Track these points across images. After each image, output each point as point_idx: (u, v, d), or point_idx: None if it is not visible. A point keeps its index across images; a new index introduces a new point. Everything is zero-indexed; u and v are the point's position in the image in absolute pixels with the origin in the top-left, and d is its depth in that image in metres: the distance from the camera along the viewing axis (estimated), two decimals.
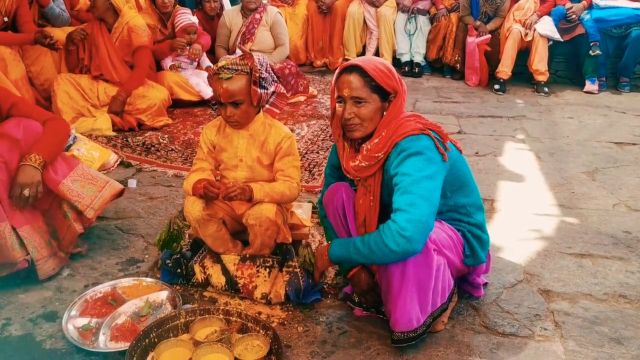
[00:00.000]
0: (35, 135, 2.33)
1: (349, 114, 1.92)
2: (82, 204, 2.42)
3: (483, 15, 5.75)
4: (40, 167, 2.28)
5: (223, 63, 2.12)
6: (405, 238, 1.75)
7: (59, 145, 2.42)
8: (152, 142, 3.99)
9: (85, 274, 2.43)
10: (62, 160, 2.43)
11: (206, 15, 5.32)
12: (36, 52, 4.28)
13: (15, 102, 2.45)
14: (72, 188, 2.40)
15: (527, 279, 2.42)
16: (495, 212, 3.06)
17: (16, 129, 2.29)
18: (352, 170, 2.02)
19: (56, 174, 2.37)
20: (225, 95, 2.11)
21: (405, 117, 1.95)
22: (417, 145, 1.86)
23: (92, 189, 2.46)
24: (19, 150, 2.28)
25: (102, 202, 2.49)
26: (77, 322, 2.09)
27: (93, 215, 2.46)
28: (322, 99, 5.22)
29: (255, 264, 2.27)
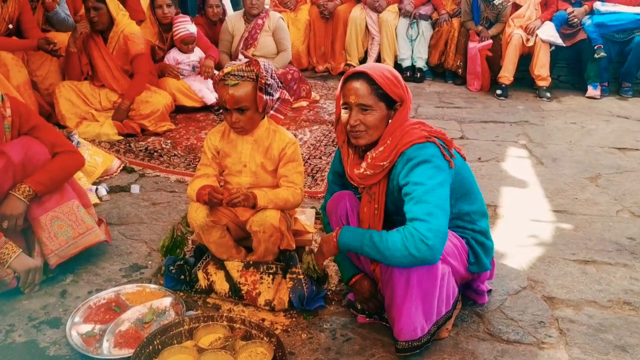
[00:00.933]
0: (36, 164, 2.29)
1: (354, 121, 1.91)
2: (48, 247, 2.33)
3: (485, 21, 5.76)
4: (27, 200, 2.25)
5: (229, 69, 2.13)
6: (428, 246, 1.75)
7: (59, 180, 2.36)
8: (155, 147, 4.00)
9: (88, 280, 2.43)
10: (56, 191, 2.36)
11: (208, 21, 5.33)
12: (41, 58, 4.29)
13: (38, 125, 2.41)
14: (47, 226, 2.32)
15: (531, 285, 2.42)
16: (498, 218, 3.06)
17: (18, 152, 2.26)
18: (356, 178, 2.01)
19: (39, 206, 2.31)
20: (231, 102, 2.12)
21: (410, 125, 1.95)
22: (424, 153, 1.86)
23: (67, 233, 2.37)
24: (13, 173, 2.24)
25: (71, 250, 2.39)
26: (80, 329, 2.10)
27: (54, 263, 2.35)
28: (325, 104, 5.22)
29: (259, 270, 2.26)
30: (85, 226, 2.43)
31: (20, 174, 2.26)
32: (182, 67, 4.76)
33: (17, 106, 2.39)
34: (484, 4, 5.68)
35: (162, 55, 4.78)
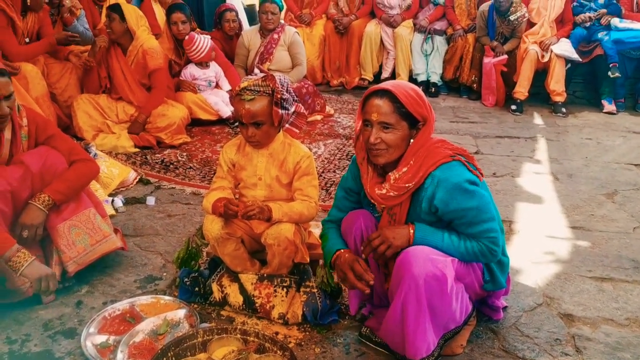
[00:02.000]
0: (54, 174, 2.33)
1: (375, 139, 1.89)
2: (67, 255, 2.36)
3: (500, 36, 5.76)
4: (47, 209, 2.29)
5: (245, 84, 2.15)
6: (494, 255, 1.94)
7: (76, 189, 2.40)
8: (171, 159, 4.04)
9: (103, 291, 2.44)
10: (73, 200, 2.40)
11: (225, 35, 5.39)
12: (61, 71, 4.37)
13: (54, 134, 2.46)
14: (65, 234, 2.35)
15: (546, 302, 2.39)
16: (514, 234, 3.04)
17: (36, 161, 2.30)
18: (378, 198, 1.99)
19: (57, 215, 2.35)
20: (247, 116, 2.13)
21: (433, 144, 1.94)
22: (454, 174, 1.87)
23: (85, 241, 2.40)
24: (30, 183, 2.28)
25: (89, 257, 2.42)
26: (95, 340, 2.11)
27: (73, 270, 2.38)
28: (339, 118, 5.24)
29: (273, 283, 2.27)
30: (102, 233, 2.46)
31: (39, 182, 2.30)
32: (198, 82, 4.81)
33: (34, 116, 2.45)
34: (499, 19, 5.68)
35: (178, 69, 4.84)
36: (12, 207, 2.24)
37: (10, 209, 2.24)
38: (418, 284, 1.81)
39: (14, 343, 2.11)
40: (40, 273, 2.12)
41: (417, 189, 1.93)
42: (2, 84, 2.17)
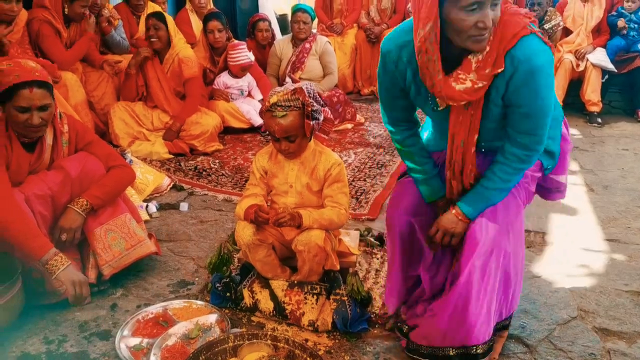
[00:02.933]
0: (92, 179, 2.40)
1: (490, 20, 1.58)
2: (103, 258, 2.41)
3: None
4: (85, 213, 2.36)
5: (275, 100, 2.16)
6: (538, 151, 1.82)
7: (113, 194, 2.47)
8: (204, 166, 4.10)
9: (137, 295, 2.49)
10: (110, 205, 2.46)
11: (258, 45, 5.47)
12: (98, 79, 4.49)
13: (92, 141, 2.53)
14: (102, 238, 2.41)
15: (581, 315, 2.35)
16: (547, 245, 2.99)
17: (75, 167, 2.37)
18: (459, 95, 1.71)
19: (95, 219, 2.41)
20: (280, 132, 2.16)
21: (506, 9, 1.66)
22: (536, 52, 1.64)
23: (121, 245, 2.45)
24: (69, 188, 2.35)
25: (124, 261, 2.47)
26: (129, 342, 2.15)
27: (109, 273, 2.44)
28: (369, 126, 5.25)
29: (303, 290, 2.28)
30: (137, 238, 2.52)
31: (77, 187, 2.37)
32: (231, 91, 4.88)
33: (74, 123, 2.52)
34: None
35: (212, 78, 4.92)
36: (52, 211, 2.31)
37: (50, 212, 2.31)
38: (487, 261, 1.83)
39: (51, 343, 2.17)
40: (74, 278, 2.18)
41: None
42: (37, 95, 2.22)
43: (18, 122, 2.24)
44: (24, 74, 2.21)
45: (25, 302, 2.24)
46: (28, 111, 2.22)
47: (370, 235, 2.92)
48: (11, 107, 2.22)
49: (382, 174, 4.00)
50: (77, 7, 4.21)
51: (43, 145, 2.36)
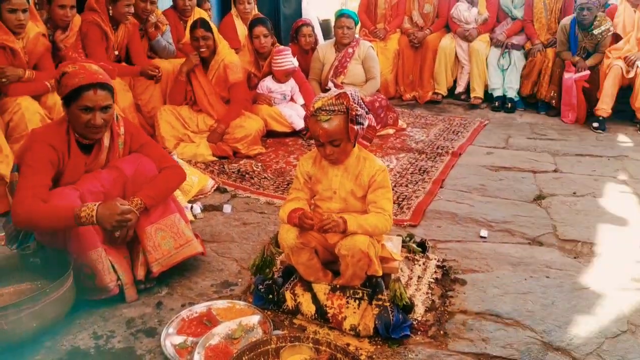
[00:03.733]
0: (145, 179, 2.48)
1: None
2: (152, 255, 2.47)
3: (582, 51, 5.56)
4: (139, 212, 2.42)
5: (319, 104, 2.18)
6: None
7: (165, 194, 2.54)
8: (247, 169, 4.15)
9: (182, 294, 2.54)
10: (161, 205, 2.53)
11: (301, 49, 5.51)
12: (145, 83, 4.61)
13: (146, 143, 2.64)
14: (152, 236, 2.48)
15: (631, 330, 2.27)
16: (595, 256, 2.91)
17: (130, 166, 2.46)
18: None
19: (146, 218, 2.48)
20: (325, 136, 2.17)
21: None
22: None
23: (170, 244, 2.51)
24: (122, 186, 2.44)
25: (172, 260, 2.53)
26: (174, 340, 2.19)
27: (157, 271, 2.50)
28: (411, 132, 5.22)
29: (346, 294, 2.28)
30: (185, 238, 2.58)
31: (131, 187, 2.45)
32: (274, 96, 4.93)
33: (129, 126, 2.62)
34: (582, 33, 5.49)
35: (256, 82, 4.99)
36: None
37: None
38: None
39: (99, 338, 2.23)
40: (113, 210, 2.24)
41: None
42: (100, 96, 2.34)
43: (81, 122, 2.34)
44: (88, 76, 2.33)
45: (76, 297, 2.31)
46: (91, 111, 2.33)
47: (412, 242, 2.90)
48: (75, 108, 2.33)
49: (424, 179, 3.96)
50: (120, 7, 4.31)
51: (101, 146, 2.46)
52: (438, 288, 2.58)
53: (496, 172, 4.16)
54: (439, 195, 3.71)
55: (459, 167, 4.27)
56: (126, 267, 2.47)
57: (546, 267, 2.77)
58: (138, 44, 4.71)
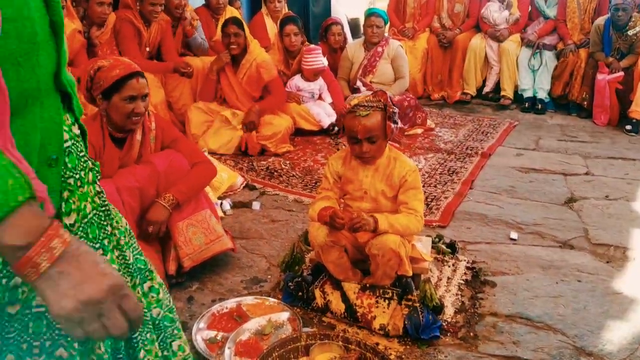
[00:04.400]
0: (178, 174, 2.52)
1: None
2: (184, 250, 2.51)
3: (616, 52, 5.45)
4: (171, 208, 2.47)
5: (356, 101, 2.19)
6: None
7: (197, 190, 2.59)
8: (275, 167, 4.18)
9: (212, 289, 2.58)
10: (192, 200, 2.57)
11: (330, 48, 5.52)
12: (176, 80, 4.67)
13: (178, 138, 2.68)
14: (184, 232, 2.52)
15: None
16: (628, 261, 2.86)
17: (163, 162, 2.50)
18: None
19: (178, 213, 2.52)
20: (363, 132, 2.18)
21: None
22: None
23: (200, 239, 2.55)
24: (156, 182, 2.48)
25: (203, 255, 2.56)
26: (204, 334, 2.23)
27: (188, 265, 2.53)
28: (440, 132, 5.18)
29: (375, 294, 2.29)
30: (216, 234, 2.62)
31: (164, 182, 2.49)
32: (302, 94, 4.95)
33: (160, 121, 2.67)
34: (616, 34, 5.38)
35: (285, 80, 5.01)
36: (139, 203, 2.44)
37: (138, 204, 2.44)
38: None
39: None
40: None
41: None
42: (142, 85, 2.42)
43: (125, 112, 2.39)
44: (127, 66, 2.40)
45: None
46: (134, 100, 2.39)
47: (442, 243, 2.89)
48: (118, 99, 2.38)
49: (453, 180, 3.94)
50: (146, 4, 4.38)
51: (133, 140, 2.50)
52: (468, 290, 2.57)
53: (526, 174, 4.12)
54: (468, 197, 3.68)
55: (488, 168, 4.23)
56: (158, 263, 2.50)
57: (577, 271, 2.73)
58: (170, 41, 4.78)
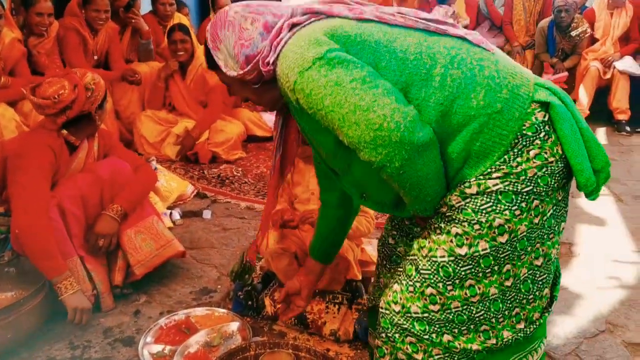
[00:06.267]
0: (123, 180, 2.47)
1: None
2: (135, 258, 2.46)
3: (560, 53, 5.63)
4: (120, 219, 2.41)
5: None
6: None
7: (142, 197, 2.55)
8: (227, 174, 4.13)
9: (160, 301, 2.51)
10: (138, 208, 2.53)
11: None
12: (124, 88, 4.56)
13: (116, 145, 2.65)
14: (132, 239, 2.47)
15: (609, 329, 2.29)
16: (574, 257, 2.93)
17: (105, 169, 2.44)
18: None
19: (125, 222, 2.47)
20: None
21: None
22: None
23: (151, 246, 2.51)
24: (100, 189, 2.41)
25: (155, 261, 2.53)
26: (152, 349, 2.16)
27: (141, 273, 2.48)
28: None
29: (325, 299, 2.27)
30: (166, 239, 2.58)
31: (109, 189, 2.43)
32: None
33: (101, 130, 2.62)
34: (559, 35, 5.56)
35: None
36: (83, 211, 2.38)
37: (82, 212, 2.37)
38: None
39: (76, 349, 2.19)
40: (77, 305, 2.22)
41: None
42: None
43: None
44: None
45: (52, 307, 2.27)
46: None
47: None
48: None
49: None
50: (89, 11, 4.27)
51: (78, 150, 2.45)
52: None
53: None
54: None
55: None
56: (104, 276, 2.43)
57: None
58: (117, 48, 4.67)
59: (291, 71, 1.29)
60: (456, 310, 1.36)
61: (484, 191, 1.30)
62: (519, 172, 1.29)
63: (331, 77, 1.24)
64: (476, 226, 1.31)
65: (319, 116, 1.29)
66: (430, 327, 1.38)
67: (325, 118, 1.28)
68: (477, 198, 1.31)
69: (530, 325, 1.41)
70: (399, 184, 1.29)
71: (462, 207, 1.32)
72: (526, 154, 1.29)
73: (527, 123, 1.30)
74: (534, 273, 1.38)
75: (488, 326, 1.37)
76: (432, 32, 1.37)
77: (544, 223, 1.35)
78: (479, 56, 1.34)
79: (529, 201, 1.30)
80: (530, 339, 1.46)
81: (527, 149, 1.29)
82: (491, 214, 1.30)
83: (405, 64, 1.31)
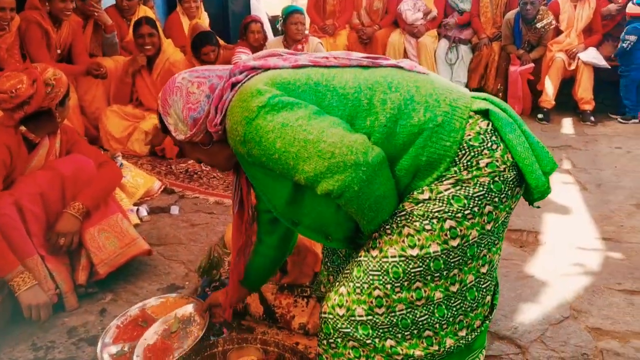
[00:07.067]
0: (85, 176, 2.41)
1: None
2: (98, 257, 2.42)
3: (526, 44, 5.70)
4: (81, 217, 2.36)
5: None
6: None
7: (106, 194, 2.50)
8: (195, 169, 4.08)
9: (127, 299, 2.47)
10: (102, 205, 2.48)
11: (250, 47, 5.43)
12: (89, 83, 4.47)
13: (78, 141, 2.59)
14: (96, 238, 2.43)
15: (573, 315, 2.33)
16: (539, 245, 2.98)
17: (67, 166, 2.38)
18: None
19: (87, 220, 2.42)
20: None
21: None
22: None
23: (115, 244, 2.47)
24: (60, 186, 2.35)
25: (120, 260, 2.49)
26: (111, 350, 2.09)
27: (105, 272, 2.44)
28: None
29: (293, 293, 2.26)
30: (130, 237, 2.54)
31: (71, 186, 2.38)
32: None
33: (64, 126, 2.55)
34: (525, 27, 5.62)
35: None
36: (42, 209, 2.32)
37: (42, 210, 2.31)
38: None
39: (39, 350, 2.14)
40: (33, 300, 2.15)
41: None
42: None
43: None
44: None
45: (13, 307, 2.21)
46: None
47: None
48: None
49: None
50: (56, 2, 4.16)
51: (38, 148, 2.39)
52: None
53: None
54: None
55: None
56: (66, 275, 2.38)
57: None
58: (81, 42, 4.56)
59: (239, 124, 1.33)
60: (401, 314, 1.38)
61: (436, 196, 1.34)
62: (471, 178, 1.33)
63: (278, 120, 1.29)
64: (428, 227, 1.33)
65: (273, 162, 1.33)
66: (374, 331, 1.39)
67: (279, 161, 1.31)
68: (429, 202, 1.35)
69: (472, 333, 1.44)
70: (357, 207, 1.31)
71: (415, 210, 1.36)
72: (476, 164, 1.33)
73: (472, 133, 1.35)
74: (479, 280, 1.42)
75: (431, 332, 1.40)
76: (366, 66, 1.44)
77: (495, 229, 1.39)
78: (415, 78, 1.41)
79: (481, 206, 1.34)
80: (470, 348, 1.50)
81: (476, 159, 1.33)
82: (443, 216, 1.33)
83: (347, 99, 1.36)
